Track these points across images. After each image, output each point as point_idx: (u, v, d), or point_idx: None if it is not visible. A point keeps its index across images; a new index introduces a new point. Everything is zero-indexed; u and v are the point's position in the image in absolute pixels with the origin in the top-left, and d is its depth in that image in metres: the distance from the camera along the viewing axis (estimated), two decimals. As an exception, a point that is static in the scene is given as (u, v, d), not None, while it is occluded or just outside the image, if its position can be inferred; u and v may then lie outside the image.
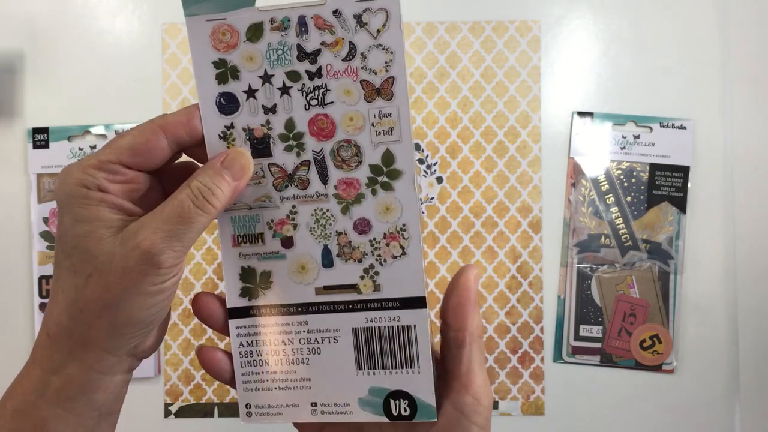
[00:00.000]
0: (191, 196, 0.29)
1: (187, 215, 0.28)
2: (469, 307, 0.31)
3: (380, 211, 0.31)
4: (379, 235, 0.32)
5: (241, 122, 0.31)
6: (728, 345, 0.64)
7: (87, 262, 0.28)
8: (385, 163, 0.31)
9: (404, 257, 0.31)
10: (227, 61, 0.31)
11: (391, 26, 0.30)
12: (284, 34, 0.31)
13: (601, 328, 0.64)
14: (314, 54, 0.31)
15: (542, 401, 0.64)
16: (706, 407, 0.63)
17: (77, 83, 0.66)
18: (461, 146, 0.65)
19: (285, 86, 0.31)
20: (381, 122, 0.31)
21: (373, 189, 0.31)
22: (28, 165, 0.65)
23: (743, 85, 0.65)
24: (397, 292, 0.32)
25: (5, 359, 0.64)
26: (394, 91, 0.30)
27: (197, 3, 0.31)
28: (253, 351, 0.33)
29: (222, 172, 0.30)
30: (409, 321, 0.31)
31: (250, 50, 0.31)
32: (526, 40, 0.65)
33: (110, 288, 0.28)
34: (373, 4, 0.30)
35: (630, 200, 0.64)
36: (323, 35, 0.30)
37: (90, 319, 0.28)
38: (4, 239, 0.65)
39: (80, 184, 0.28)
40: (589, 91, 0.66)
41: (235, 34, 0.31)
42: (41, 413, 0.28)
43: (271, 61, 0.31)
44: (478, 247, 0.64)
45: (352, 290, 0.32)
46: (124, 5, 0.66)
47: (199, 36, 0.31)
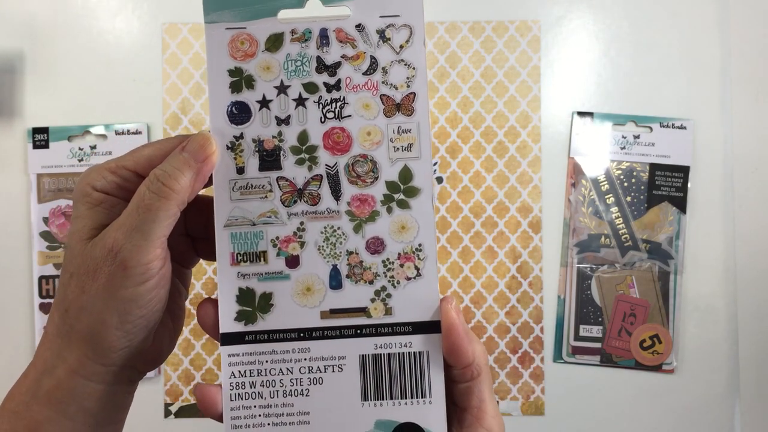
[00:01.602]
0: (148, 184, 0.28)
1: (145, 205, 0.27)
2: (462, 343, 0.29)
3: (395, 229, 0.30)
4: (393, 255, 0.30)
5: (251, 133, 0.30)
6: (728, 345, 0.64)
7: (70, 261, 0.28)
8: (403, 180, 0.30)
9: (419, 279, 0.30)
10: (243, 70, 0.31)
11: (414, 42, 0.30)
12: (304, 45, 0.30)
13: (601, 328, 0.64)
14: (334, 66, 0.30)
15: (542, 401, 0.64)
16: (706, 407, 0.63)
17: (77, 83, 0.66)
18: (461, 146, 0.65)
19: (301, 97, 0.30)
20: (400, 138, 0.30)
21: (389, 206, 0.30)
22: (28, 165, 0.65)
23: (743, 85, 0.65)
24: (410, 316, 0.30)
25: (5, 359, 0.64)
26: (415, 107, 0.30)
27: (218, 11, 0.31)
28: (245, 382, 0.30)
29: (183, 156, 0.28)
30: (421, 347, 0.29)
31: (268, 60, 0.30)
32: (526, 40, 0.65)
33: (85, 289, 0.27)
34: (397, 20, 0.30)
35: (630, 200, 0.64)
36: (344, 48, 0.30)
37: (72, 321, 0.27)
38: (4, 239, 0.65)
39: (89, 184, 0.28)
40: (589, 91, 0.66)
41: (254, 44, 0.31)
42: (34, 415, 0.28)
43: (289, 71, 0.30)
44: (478, 247, 0.64)
45: (361, 314, 0.30)
46: (124, 5, 0.66)
47: (216, 44, 0.31)
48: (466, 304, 0.64)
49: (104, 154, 0.65)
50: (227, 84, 0.31)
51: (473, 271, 0.64)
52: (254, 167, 0.30)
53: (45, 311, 0.64)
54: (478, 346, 0.29)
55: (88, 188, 0.28)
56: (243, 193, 0.30)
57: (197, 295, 0.65)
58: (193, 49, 0.66)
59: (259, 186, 0.30)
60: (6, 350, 0.64)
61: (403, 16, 0.30)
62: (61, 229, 0.64)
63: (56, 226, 0.65)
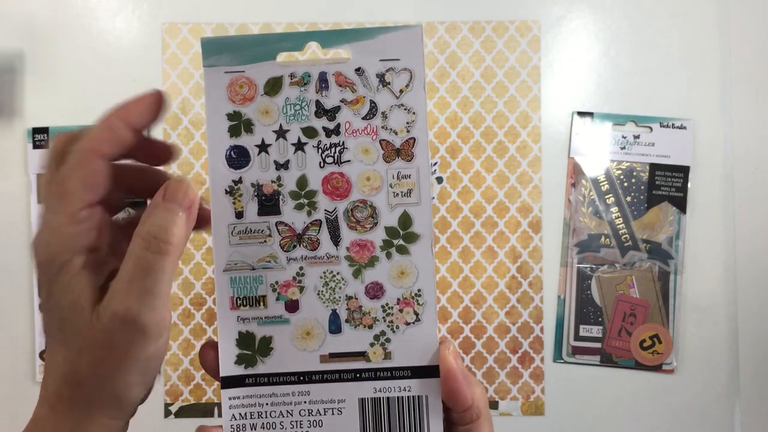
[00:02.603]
0: (144, 244, 0.27)
1: (149, 265, 0.26)
2: (461, 388, 0.29)
3: (395, 275, 0.30)
4: (392, 300, 0.30)
5: (250, 177, 0.30)
6: (728, 345, 0.64)
7: (76, 335, 0.27)
8: (402, 225, 0.30)
9: (418, 324, 0.30)
10: (242, 113, 0.30)
11: (414, 87, 0.30)
12: (303, 89, 0.30)
13: (601, 328, 0.64)
14: (333, 111, 0.30)
15: (542, 401, 0.64)
16: (706, 407, 0.63)
17: (77, 83, 0.66)
18: (461, 146, 0.65)
19: (300, 142, 0.30)
20: (400, 183, 0.30)
21: (388, 252, 0.30)
22: (28, 165, 0.65)
23: (743, 85, 0.65)
24: (409, 361, 0.30)
25: (5, 359, 0.64)
26: (414, 153, 0.30)
27: (217, 54, 0.30)
28: (246, 424, 0.30)
29: (168, 206, 0.28)
30: (420, 391, 0.30)
31: (267, 104, 0.30)
32: (526, 40, 0.65)
33: (104, 361, 0.27)
34: (397, 64, 0.30)
35: (630, 200, 0.64)
36: (344, 92, 0.30)
37: (90, 391, 0.27)
38: (4, 239, 0.65)
39: (62, 249, 0.27)
40: (589, 91, 0.66)
41: (253, 87, 0.30)
42: None
43: (288, 116, 0.30)
44: (478, 247, 0.64)
45: (360, 358, 0.30)
46: (124, 5, 0.66)
47: (215, 87, 0.30)
48: (466, 304, 0.64)
49: (104, 154, 0.65)
50: (226, 128, 0.30)
51: (473, 271, 0.64)
52: (253, 212, 0.30)
53: (45, 311, 0.64)
54: (477, 389, 0.29)
55: (63, 255, 0.27)
56: (242, 237, 0.30)
57: (197, 294, 0.65)
58: (193, 49, 0.66)
59: (258, 231, 0.30)
60: (6, 350, 0.64)
61: (403, 60, 0.30)
62: (61, 229, 0.64)
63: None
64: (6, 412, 0.64)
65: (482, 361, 0.64)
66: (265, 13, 0.66)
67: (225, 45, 0.31)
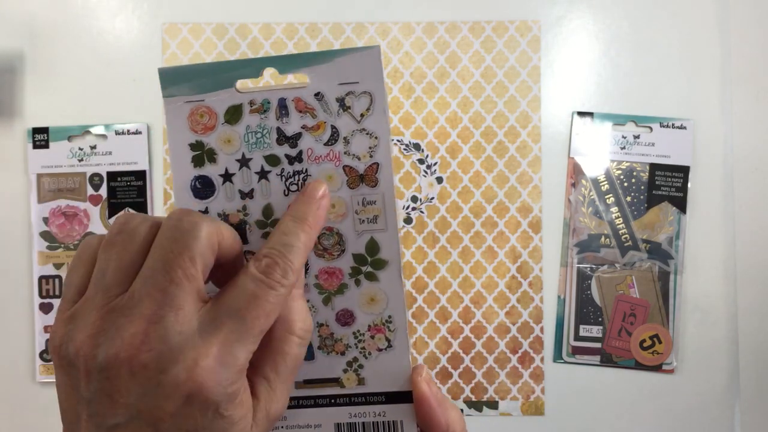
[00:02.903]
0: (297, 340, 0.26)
1: (299, 357, 0.26)
2: (434, 414, 0.29)
3: (364, 302, 0.30)
4: (363, 327, 0.30)
5: (216, 207, 0.30)
6: (728, 345, 0.64)
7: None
8: (369, 252, 0.30)
9: (390, 350, 0.30)
10: (204, 143, 0.30)
11: (375, 110, 0.29)
12: (264, 116, 0.30)
13: (601, 328, 0.64)
14: (294, 138, 0.29)
15: (542, 401, 0.64)
16: (706, 407, 0.63)
17: (77, 83, 0.66)
18: (461, 146, 0.65)
19: (263, 170, 0.30)
20: (365, 210, 0.29)
21: (357, 279, 0.30)
22: (28, 165, 0.65)
23: (743, 85, 0.65)
24: (383, 387, 0.30)
25: (5, 359, 0.64)
26: (378, 178, 0.29)
27: (176, 84, 0.30)
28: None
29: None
30: (395, 416, 0.30)
31: (228, 133, 0.30)
32: (526, 40, 0.65)
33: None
34: (357, 87, 0.29)
35: (630, 200, 0.64)
36: (304, 118, 0.29)
37: None
38: (4, 239, 0.65)
39: (231, 392, 0.24)
40: (589, 91, 0.66)
41: (214, 116, 0.30)
42: None
43: (250, 144, 0.30)
44: (478, 247, 0.64)
45: (334, 384, 0.30)
46: (124, 5, 0.66)
47: (176, 118, 0.30)
48: (466, 304, 0.64)
49: (104, 154, 0.65)
50: (189, 158, 0.30)
51: (473, 271, 0.64)
52: None
53: (45, 311, 0.64)
54: (452, 413, 0.29)
55: (237, 383, 0.25)
56: None
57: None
58: (193, 49, 0.66)
59: None
60: (6, 350, 0.64)
61: (362, 83, 0.29)
62: (61, 229, 0.64)
63: (56, 226, 0.65)
64: (6, 412, 0.64)
65: (482, 361, 0.64)
66: (265, 13, 0.66)
67: (183, 74, 0.30)
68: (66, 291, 0.27)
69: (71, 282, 0.27)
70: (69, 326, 0.25)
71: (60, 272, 0.64)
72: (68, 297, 0.27)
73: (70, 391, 0.25)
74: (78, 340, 0.25)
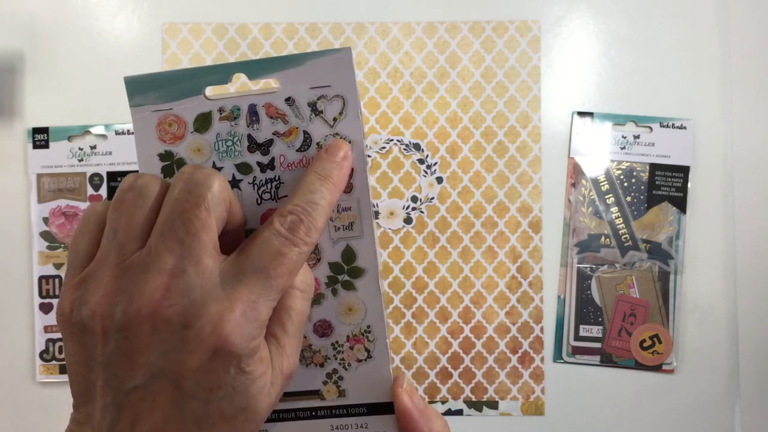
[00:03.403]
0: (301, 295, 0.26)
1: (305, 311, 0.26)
2: (417, 426, 0.28)
3: (342, 312, 0.29)
4: (341, 337, 0.29)
5: None
6: (728, 345, 0.64)
7: (251, 421, 0.25)
8: (346, 260, 0.29)
9: (370, 360, 0.29)
10: (173, 153, 0.29)
11: (348, 114, 0.28)
12: (234, 124, 0.29)
13: (601, 328, 0.64)
14: (266, 144, 0.28)
15: (542, 401, 0.64)
16: (706, 407, 0.63)
17: (77, 83, 0.66)
18: (461, 146, 0.65)
19: (235, 179, 0.29)
20: (340, 217, 0.28)
21: (334, 288, 0.29)
22: (28, 165, 0.65)
23: (743, 85, 0.65)
24: (364, 398, 0.29)
25: (5, 359, 0.64)
26: (353, 183, 0.28)
27: (143, 93, 0.29)
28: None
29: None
30: (378, 428, 0.29)
31: (198, 142, 0.29)
32: (526, 40, 0.65)
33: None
34: (329, 90, 0.28)
35: (630, 200, 0.64)
36: (275, 125, 0.28)
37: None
38: (4, 239, 0.65)
39: (258, 334, 0.24)
40: (589, 91, 0.66)
41: (182, 125, 0.29)
42: None
43: (220, 152, 0.29)
44: (478, 247, 0.64)
45: (314, 396, 0.29)
46: (124, 5, 0.66)
47: (144, 128, 0.29)
48: (466, 304, 0.64)
49: (104, 154, 0.65)
50: (158, 169, 0.29)
51: (473, 271, 0.64)
52: None
53: (45, 311, 0.64)
54: (436, 423, 0.29)
55: (258, 339, 0.24)
56: None
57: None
58: (193, 49, 0.66)
59: None
60: (6, 350, 0.64)
61: (334, 86, 0.28)
62: (61, 229, 0.64)
63: (56, 226, 0.65)
64: (6, 412, 0.64)
65: (482, 361, 0.64)
66: (265, 13, 0.66)
67: (150, 83, 0.29)
68: (72, 258, 0.26)
69: (78, 248, 0.26)
70: (80, 291, 0.25)
71: (60, 272, 0.64)
72: (75, 263, 0.26)
73: (82, 361, 0.24)
74: (92, 301, 0.24)
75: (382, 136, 0.65)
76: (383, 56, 0.65)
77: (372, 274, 0.29)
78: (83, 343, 0.24)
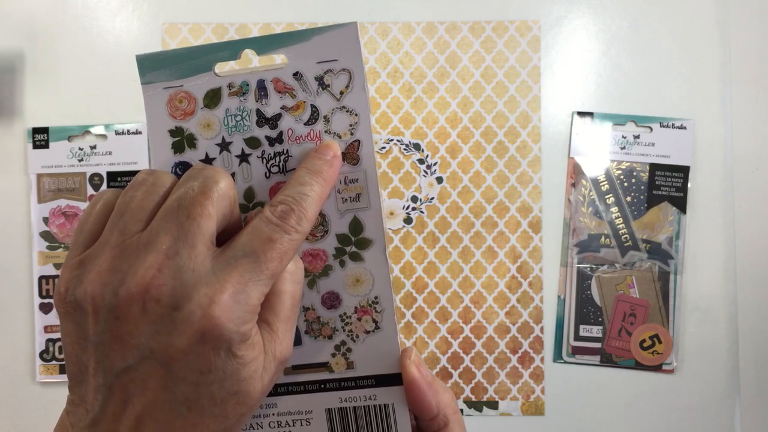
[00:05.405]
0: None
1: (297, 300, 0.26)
2: (425, 397, 0.28)
3: (350, 283, 0.29)
4: (349, 309, 0.29)
5: None
6: (728, 345, 0.64)
7: (242, 405, 0.25)
8: (353, 231, 0.29)
9: (378, 332, 0.29)
10: (184, 129, 0.30)
11: (354, 87, 0.28)
12: (243, 99, 0.29)
13: (601, 328, 0.64)
14: (274, 119, 0.29)
15: (542, 401, 0.64)
16: (706, 407, 0.63)
17: (77, 83, 0.66)
18: (461, 146, 0.65)
19: (244, 153, 0.29)
20: (347, 188, 0.29)
21: (342, 260, 0.29)
22: (28, 165, 0.65)
23: (743, 85, 0.65)
24: (372, 369, 0.29)
25: (5, 359, 0.64)
26: (360, 155, 0.29)
27: (154, 70, 0.29)
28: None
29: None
30: (386, 399, 0.29)
31: (208, 117, 0.29)
32: (526, 40, 0.65)
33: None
34: (335, 65, 0.28)
35: (630, 200, 0.64)
36: (284, 99, 0.29)
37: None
38: (4, 239, 0.65)
39: (250, 318, 0.25)
40: (589, 91, 0.66)
41: (193, 101, 0.29)
42: None
43: (230, 127, 0.29)
44: (478, 247, 0.64)
45: (323, 369, 0.30)
46: (124, 5, 0.66)
47: (155, 104, 0.30)
48: (466, 304, 0.64)
49: (104, 154, 0.65)
50: (169, 145, 0.30)
51: (473, 271, 0.64)
52: None
53: (45, 311, 0.64)
54: (444, 396, 0.29)
55: (249, 324, 0.24)
56: None
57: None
58: (193, 49, 0.66)
59: None
60: (6, 350, 0.64)
61: (341, 60, 0.28)
62: (61, 229, 0.64)
63: (56, 226, 0.65)
64: (6, 412, 0.64)
65: (482, 361, 0.64)
66: (265, 13, 0.66)
67: (161, 60, 0.29)
68: (76, 237, 0.26)
69: (83, 229, 0.26)
70: (78, 270, 0.25)
71: (60, 272, 0.64)
72: (79, 242, 0.26)
73: (75, 341, 0.25)
74: (86, 280, 0.24)
75: (382, 136, 0.65)
76: (383, 56, 0.65)
77: (379, 245, 0.29)
78: (77, 322, 0.24)
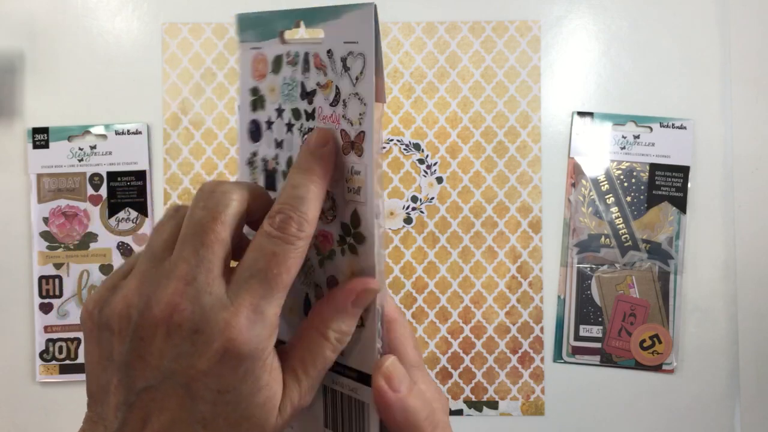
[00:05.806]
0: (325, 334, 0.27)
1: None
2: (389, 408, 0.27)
3: (347, 274, 0.29)
4: None
5: (261, 152, 0.31)
6: (728, 345, 0.64)
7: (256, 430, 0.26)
8: (353, 224, 0.28)
9: (362, 329, 0.28)
10: (259, 89, 0.31)
11: (366, 74, 0.26)
12: (295, 69, 0.29)
13: (601, 328, 0.64)
14: (311, 94, 0.29)
15: (542, 401, 0.64)
16: (706, 407, 0.63)
17: (77, 83, 0.66)
18: (461, 146, 0.65)
19: (290, 123, 0.30)
20: (352, 179, 0.28)
21: (342, 249, 0.29)
22: (28, 165, 0.65)
23: (743, 85, 0.65)
24: (355, 364, 0.29)
25: (5, 359, 0.64)
26: (363, 148, 0.27)
27: (246, 30, 0.31)
28: None
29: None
30: (362, 397, 0.28)
31: (273, 82, 0.30)
32: (526, 40, 0.65)
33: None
34: (355, 47, 0.27)
35: (630, 200, 0.64)
36: (319, 75, 0.28)
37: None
38: (4, 239, 0.65)
39: (268, 340, 0.25)
40: (589, 91, 0.66)
41: (265, 64, 0.30)
42: None
43: (284, 95, 0.30)
44: (478, 247, 0.64)
45: None
46: (124, 5, 0.66)
47: (245, 62, 0.31)
48: (466, 304, 0.64)
49: (104, 154, 0.65)
50: (248, 102, 0.31)
51: (473, 271, 0.64)
52: (262, 185, 0.31)
53: (45, 311, 0.64)
54: (420, 413, 0.27)
55: (268, 347, 0.25)
56: None
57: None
58: (193, 49, 0.66)
59: None
60: (6, 350, 0.64)
61: (360, 43, 0.26)
62: (61, 229, 0.64)
63: (56, 226, 0.65)
64: (6, 412, 0.64)
65: (482, 361, 0.64)
66: (265, 13, 0.66)
67: (252, 21, 0.31)
68: (119, 267, 0.28)
69: (128, 260, 0.28)
70: (108, 293, 0.26)
71: (60, 272, 0.64)
72: (121, 270, 0.28)
73: (97, 360, 0.26)
74: (113, 302, 0.25)
75: (382, 136, 0.65)
76: (383, 56, 0.65)
77: (370, 244, 0.28)
78: (100, 342, 0.26)
